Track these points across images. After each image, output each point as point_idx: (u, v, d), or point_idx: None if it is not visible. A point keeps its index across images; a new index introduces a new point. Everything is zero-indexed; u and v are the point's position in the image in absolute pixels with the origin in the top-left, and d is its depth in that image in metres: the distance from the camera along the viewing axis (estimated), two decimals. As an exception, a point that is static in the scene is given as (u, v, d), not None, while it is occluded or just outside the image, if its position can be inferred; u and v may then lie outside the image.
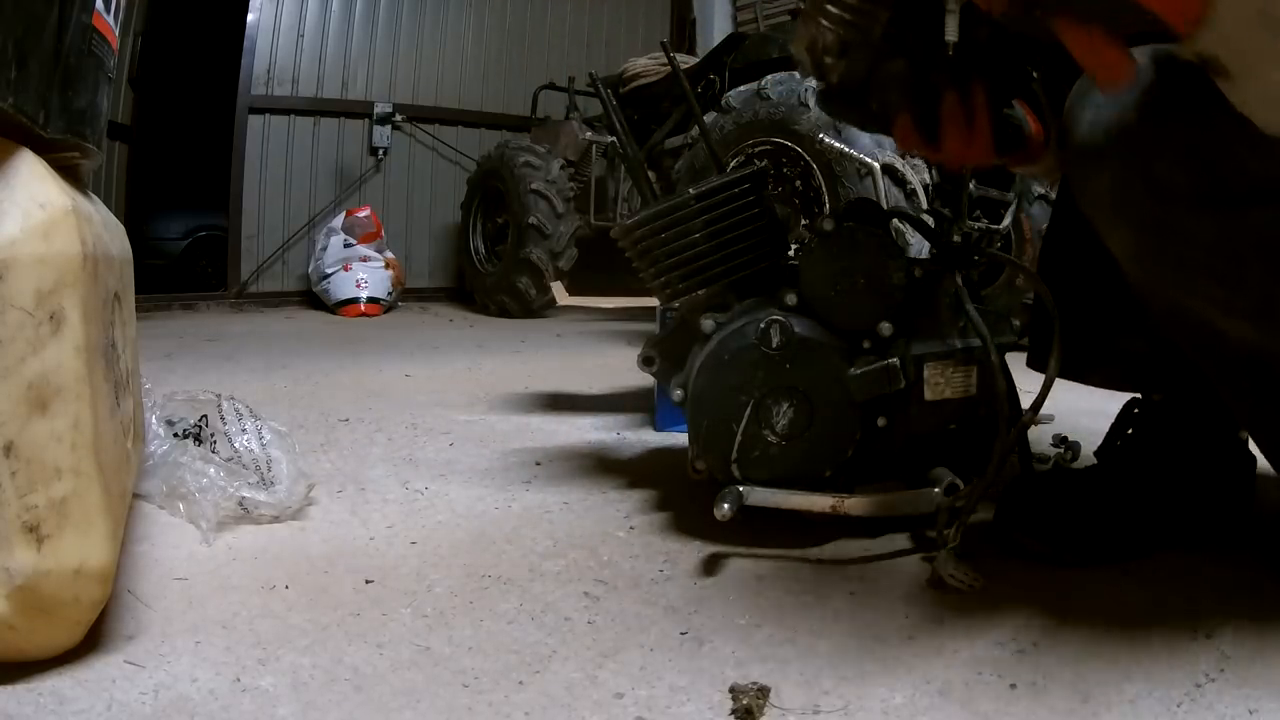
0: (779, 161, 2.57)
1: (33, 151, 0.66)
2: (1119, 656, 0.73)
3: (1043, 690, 0.67)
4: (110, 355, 0.77)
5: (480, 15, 4.93)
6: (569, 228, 3.79)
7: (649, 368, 1.09)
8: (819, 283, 0.95)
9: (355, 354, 2.61)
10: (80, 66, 0.73)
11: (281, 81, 4.35)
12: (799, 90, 2.51)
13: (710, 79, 3.27)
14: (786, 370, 0.95)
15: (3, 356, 0.62)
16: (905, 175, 2.37)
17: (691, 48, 5.15)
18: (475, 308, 4.21)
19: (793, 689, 0.67)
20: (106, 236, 0.80)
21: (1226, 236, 0.71)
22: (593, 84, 1.22)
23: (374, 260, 4.06)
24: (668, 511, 1.11)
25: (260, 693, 0.65)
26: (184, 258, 5.40)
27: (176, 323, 3.45)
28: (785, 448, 0.96)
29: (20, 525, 0.62)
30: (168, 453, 1.07)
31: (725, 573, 0.91)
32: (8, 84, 0.60)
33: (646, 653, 0.74)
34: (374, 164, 4.64)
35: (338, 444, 1.44)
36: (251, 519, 1.02)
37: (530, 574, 0.91)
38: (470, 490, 1.20)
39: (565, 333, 3.36)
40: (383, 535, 1.02)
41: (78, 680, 0.66)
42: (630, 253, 1.06)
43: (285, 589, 0.85)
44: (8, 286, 0.62)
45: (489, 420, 1.67)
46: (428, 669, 0.70)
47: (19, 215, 0.62)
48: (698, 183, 1.02)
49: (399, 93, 4.66)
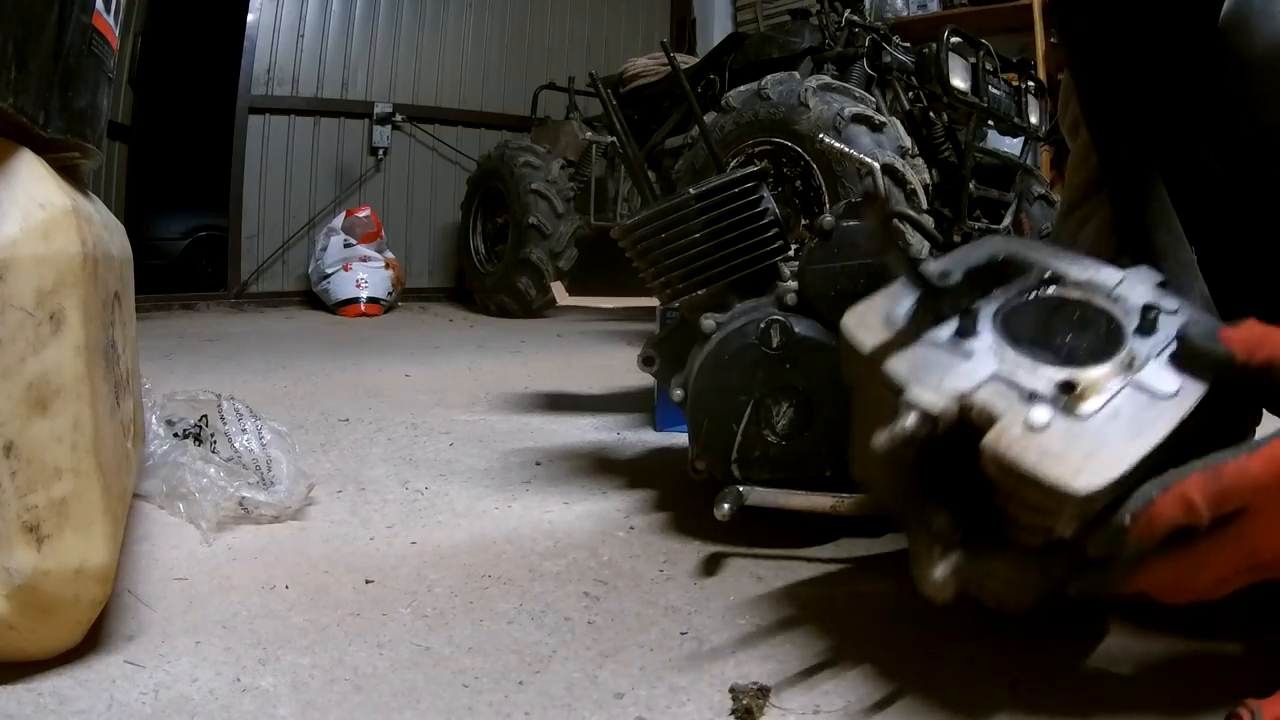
0: (779, 161, 2.57)
1: (33, 151, 0.66)
2: (1117, 657, 0.73)
3: (1045, 692, 0.67)
4: (110, 355, 0.77)
5: (480, 15, 4.93)
6: (569, 228, 3.79)
7: (649, 368, 1.09)
8: (819, 283, 0.95)
9: (355, 354, 2.61)
10: (80, 66, 0.73)
11: (281, 81, 4.35)
12: (799, 90, 2.51)
13: (710, 79, 3.27)
14: (786, 370, 0.95)
15: (3, 356, 0.62)
16: (905, 175, 2.37)
17: (691, 48, 5.16)
18: (475, 308, 4.21)
19: (793, 689, 0.67)
20: (106, 236, 0.80)
21: None
22: (593, 84, 1.22)
23: (374, 260, 4.06)
24: (668, 511, 1.11)
25: (260, 693, 0.65)
26: (184, 258, 5.39)
27: (176, 323, 3.45)
28: (785, 448, 0.96)
29: (20, 525, 0.62)
30: (168, 453, 1.07)
31: (725, 573, 0.91)
32: (8, 84, 0.60)
33: (646, 653, 0.74)
34: (374, 164, 4.64)
35: (338, 444, 1.44)
36: (251, 519, 1.02)
37: (530, 574, 0.91)
38: (470, 490, 1.20)
39: (565, 333, 3.36)
40: (383, 535, 1.02)
41: (78, 680, 0.66)
42: (630, 252, 1.06)
43: (285, 589, 0.85)
44: (8, 286, 0.62)
45: (489, 420, 1.67)
46: (428, 669, 0.70)
47: (19, 215, 0.62)
48: (698, 183, 1.02)
49: (399, 93, 4.66)
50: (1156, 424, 0.57)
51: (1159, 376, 0.60)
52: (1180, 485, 0.55)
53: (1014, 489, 0.56)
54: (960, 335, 0.64)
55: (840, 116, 2.43)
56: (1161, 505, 0.55)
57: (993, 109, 2.75)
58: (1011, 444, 0.55)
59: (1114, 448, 0.55)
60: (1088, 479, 0.53)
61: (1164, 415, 0.57)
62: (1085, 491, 0.52)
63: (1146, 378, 0.60)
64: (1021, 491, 0.55)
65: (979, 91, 2.70)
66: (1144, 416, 0.57)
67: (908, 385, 0.61)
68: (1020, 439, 0.56)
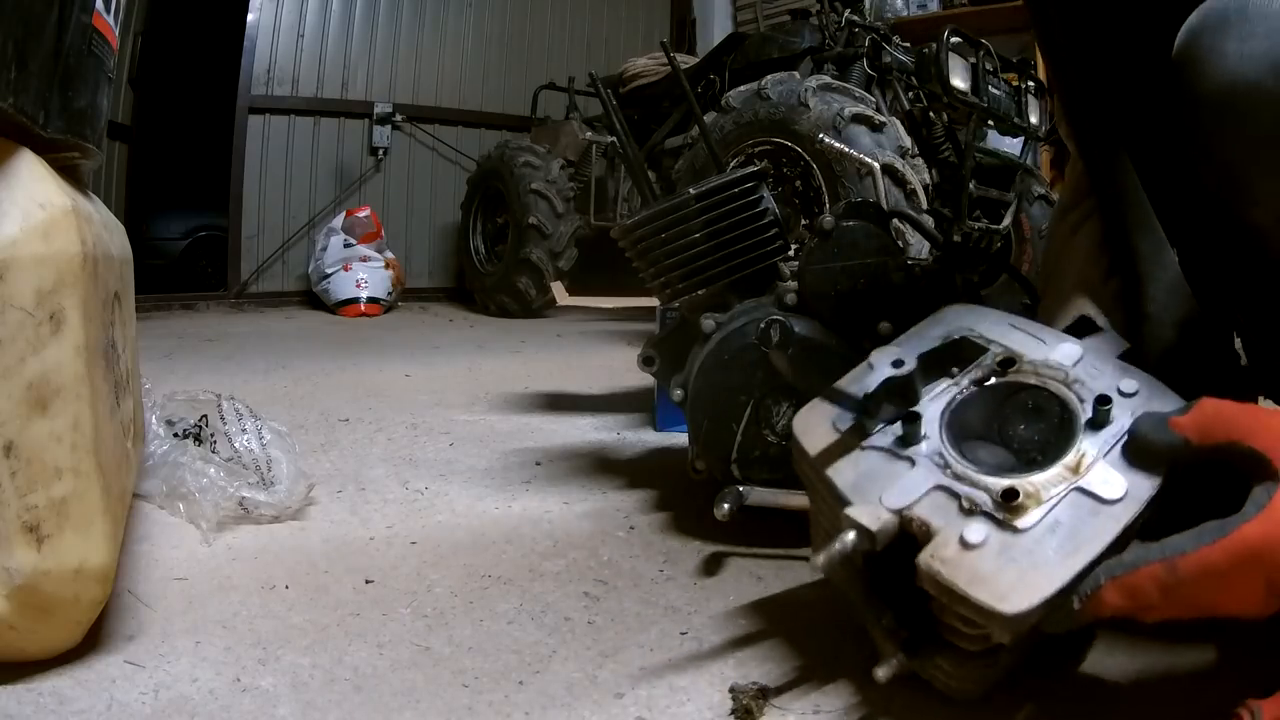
0: (779, 161, 2.57)
1: (33, 151, 0.66)
2: (1117, 656, 0.73)
3: (1047, 692, 0.67)
4: (110, 355, 0.77)
5: (480, 15, 4.93)
6: (569, 228, 3.79)
7: (649, 368, 1.09)
8: (819, 283, 0.95)
9: (355, 354, 2.61)
10: (80, 66, 0.73)
11: (281, 81, 4.35)
12: (799, 90, 2.51)
13: (710, 79, 3.27)
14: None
15: (3, 356, 0.62)
16: (905, 175, 2.37)
17: (691, 48, 5.16)
18: (475, 308, 4.21)
19: (793, 689, 0.67)
20: (106, 236, 0.80)
21: None
22: (593, 84, 1.22)
23: (374, 260, 4.06)
24: (668, 511, 1.11)
25: (260, 693, 0.65)
26: (184, 258, 5.39)
27: (176, 323, 3.45)
28: (785, 448, 0.95)
29: (20, 525, 0.62)
30: (168, 453, 1.07)
31: (725, 573, 0.91)
32: (8, 84, 0.60)
33: (646, 653, 0.74)
34: (374, 164, 4.64)
35: (338, 444, 1.44)
36: (251, 519, 1.02)
37: (530, 574, 0.91)
38: (470, 490, 1.20)
39: (565, 333, 3.36)
40: (383, 535, 1.02)
41: (78, 680, 0.66)
42: (630, 252, 1.06)
43: (285, 589, 0.85)
44: (8, 286, 0.62)
45: (489, 420, 1.67)
46: (428, 669, 0.70)
47: (19, 215, 0.62)
48: (698, 183, 1.02)
49: (399, 93, 4.66)
50: (1097, 536, 0.56)
51: (1106, 480, 0.59)
52: (1131, 577, 0.54)
53: (948, 605, 0.57)
54: (903, 442, 0.66)
55: (840, 116, 2.43)
56: (1109, 594, 0.54)
57: (993, 109, 2.74)
58: (945, 563, 0.57)
59: (1046, 569, 0.55)
60: (1015, 602, 0.54)
61: (1106, 526, 0.57)
62: (1012, 613, 0.53)
63: (1092, 483, 0.59)
64: (954, 607, 0.57)
65: (979, 91, 2.70)
66: (1084, 529, 0.57)
67: (847, 500, 0.63)
68: (953, 558, 0.57)
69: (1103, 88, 0.87)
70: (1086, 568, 0.55)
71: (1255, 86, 0.65)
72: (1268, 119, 0.65)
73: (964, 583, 0.55)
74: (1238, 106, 0.67)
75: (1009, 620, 0.54)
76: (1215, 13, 0.68)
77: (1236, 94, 0.66)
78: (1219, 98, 0.67)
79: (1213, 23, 0.68)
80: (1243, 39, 0.65)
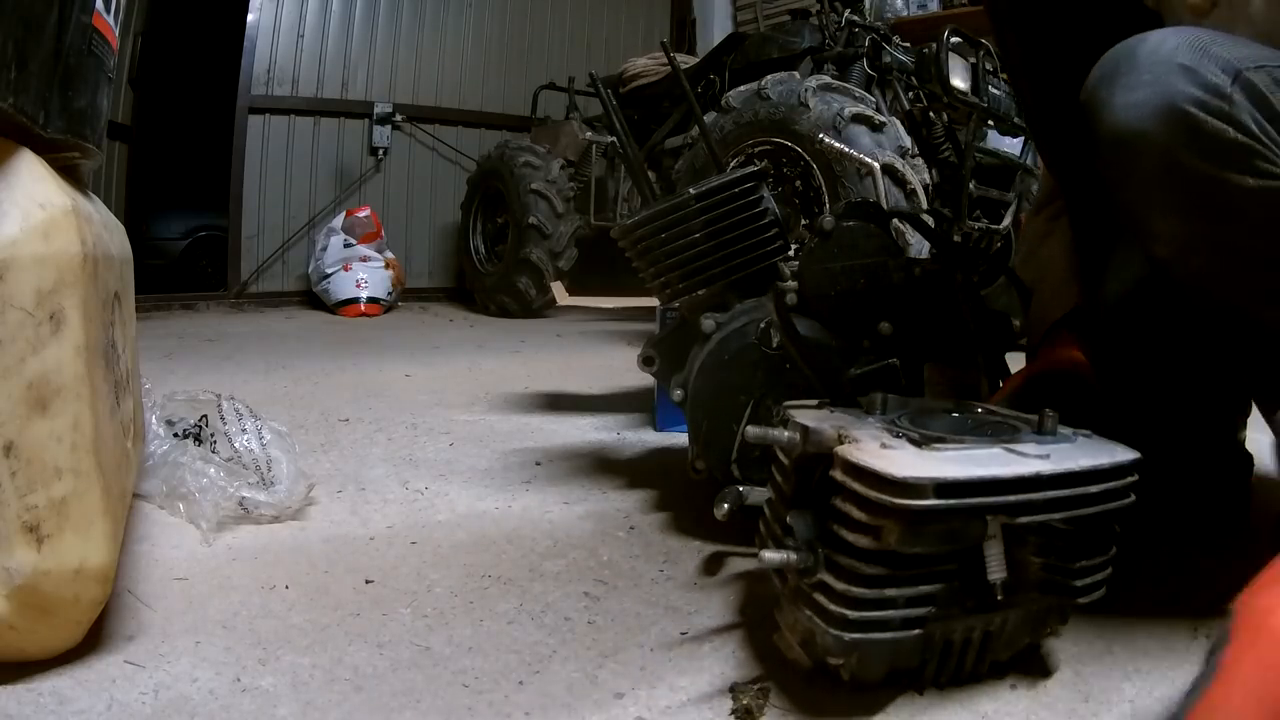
0: (779, 161, 2.57)
1: (33, 151, 0.66)
2: (1118, 656, 0.73)
3: (1043, 690, 0.67)
4: (110, 355, 0.77)
5: (480, 15, 4.92)
6: (569, 228, 3.79)
7: (649, 368, 1.09)
8: (819, 283, 0.95)
9: (355, 354, 2.61)
10: (80, 66, 0.73)
11: (281, 81, 4.34)
12: (799, 90, 2.51)
13: (710, 79, 3.27)
14: (786, 370, 0.94)
15: (3, 356, 0.62)
16: (905, 175, 2.37)
17: (691, 48, 5.16)
18: (475, 308, 4.21)
19: (793, 689, 0.67)
20: (106, 236, 0.80)
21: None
22: (593, 84, 1.22)
23: (374, 260, 4.06)
24: (667, 511, 1.11)
25: (260, 693, 0.65)
26: (184, 258, 5.39)
27: (176, 323, 3.45)
28: (785, 448, 0.96)
29: (20, 525, 0.62)
30: (168, 453, 1.07)
31: (725, 573, 0.91)
32: (8, 84, 0.60)
33: (646, 653, 0.74)
34: (374, 164, 4.64)
35: (338, 444, 1.44)
36: (251, 519, 1.02)
37: (530, 574, 0.91)
38: (470, 490, 1.20)
39: (565, 333, 3.36)
40: (383, 535, 1.02)
41: (78, 680, 0.66)
42: (630, 252, 1.06)
43: (285, 589, 0.85)
44: (8, 286, 0.62)
45: (489, 420, 1.67)
46: (428, 669, 0.70)
47: (19, 215, 0.62)
48: (698, 183, 1.02)
49: (399, 93, 4.66)
50: (1001, 466, 0.61)
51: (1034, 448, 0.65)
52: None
53: (849, 482, 0.62)
54: (867, 409, 0.74)
55: (840, 116, 2.43)
56: None
57: (993, 109, 2.75)
58: (859, 450, 0.63)
59: (943, 466, 0.60)
60: (910, 472, 0.58)
61: (1013, 462, 0.62)
62: (901, 477, 0.58)
63: (1018, 446, 0.65)
64: (855, 484, 0.61)
65: (979, 91, 2.70)
66: (992, 461, 0.62)
67: (797, 413, 0.72)
68: (868, 450, 0.63)
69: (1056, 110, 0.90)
70: (983, 479, 0.59)
71: (1141, 135, 0.69)
72: (1154, 164, 0.69)
73: (868, 459, 0.61)
74: (1128, 152, 0.71)
75: (898, 486, 0.58)
76: (1110, 61, 0.72)
77: (1125, 141, 0.70)
78: (1112, 143, 0.71)
79: (1107, 71, 0.72)
80: (1130, 88, 0.69)
